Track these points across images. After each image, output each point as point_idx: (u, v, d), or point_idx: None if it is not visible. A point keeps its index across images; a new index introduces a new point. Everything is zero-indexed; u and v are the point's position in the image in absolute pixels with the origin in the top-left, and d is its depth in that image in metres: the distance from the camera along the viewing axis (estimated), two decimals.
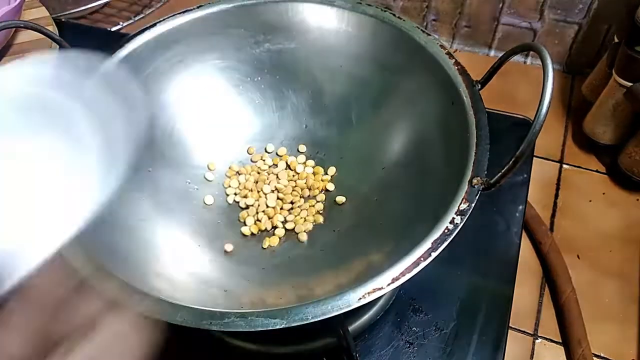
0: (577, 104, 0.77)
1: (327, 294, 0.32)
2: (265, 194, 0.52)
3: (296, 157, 0.54)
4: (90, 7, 1.11)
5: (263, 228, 0.50)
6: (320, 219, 0.50)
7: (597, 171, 0.70)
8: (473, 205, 0.35)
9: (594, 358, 0.54)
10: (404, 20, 0.48)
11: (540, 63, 0.34)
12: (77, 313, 0.25)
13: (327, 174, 0.53)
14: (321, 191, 0.53)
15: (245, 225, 0.50)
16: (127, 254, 0.41)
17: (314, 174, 0.54)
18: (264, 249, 0.49)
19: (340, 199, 0.51)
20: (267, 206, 0.51)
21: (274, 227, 0.50)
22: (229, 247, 0.48)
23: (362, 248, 0.45)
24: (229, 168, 0.54)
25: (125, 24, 1.10)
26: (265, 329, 0.31)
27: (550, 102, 0.33)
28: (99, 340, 0.24)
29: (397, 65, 0.49)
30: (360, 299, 0.32)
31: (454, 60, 0.45)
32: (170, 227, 0.47)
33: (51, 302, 0.25)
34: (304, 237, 0.49)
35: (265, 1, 0.51)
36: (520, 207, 0.58)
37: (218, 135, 0.53)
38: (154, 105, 0.50)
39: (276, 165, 0.54)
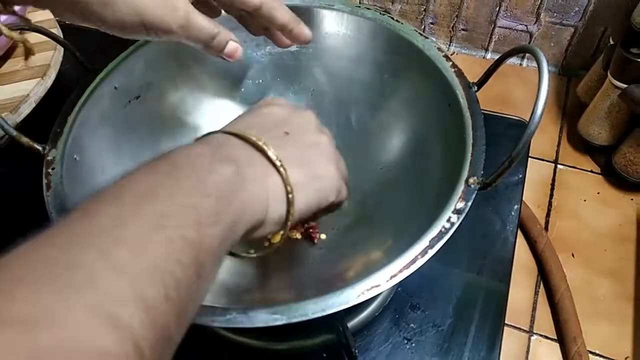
0: (572, 105, 0.78)
1: (327, 291, 0.33)
2: None
3: None
4: None
5: None
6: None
7: (591, 171, 0.70)
8: (469, 204, 0.36)
9: (589, 355, 0.55)
10: (402, 23, 0.49)
11: (536, 65, 0.35)
12: None
13: None
14: None
15: None
16: None
17: None
18: (265, 247, 0.50)
19: None
20: None
21: None
22: None
23: (360, 246, 0.46)
24: None
25: None
26: (266, 325, 0.32)
27: (545, 104, 0.33)
28: None
29: (396, 67, 0.50)
30: (359, 295, 0.32)
31: (451, 63, 0.45)
32: None
33: None
34: (303, 235, 0.50)
35: None
36: (516, 207, 0.59)
37: None
38: (153, 107, 0.50)
39: None
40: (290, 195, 0.30)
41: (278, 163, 0.30)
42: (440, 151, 0.45)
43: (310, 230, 0.49)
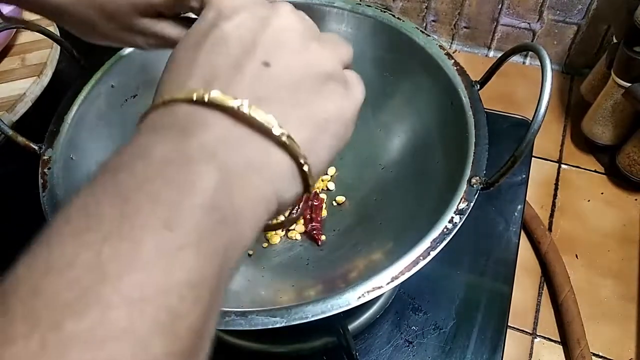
0: (575, 104, 0.77)
1: (327, 293, 0.33)
2: None
3: None
4: None
5: None
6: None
7: (595, 171, 0.70)
8: (472, 204, 0.36)
9: (593, 357, 0.54)
10: (403, 21, 0.49)
11: (540, 63, 0.35)
12: None
13: (327, 173, 0.54)
14: (321, 191, 0.53)
15: None
16: None
17: None
18: (264, 248, 0.49)
19: (340, 198, 0.51)
20: None
21: None
22: None
23: (361, 247, 0.45)
24: None
25: None
26: (265, 327, 0.31)
27: (548, 102, 0.33)
28: None
29: (397, 65, 0.50)
30: (359, 297, 0.32)
31: (453, 61, 0.45)
32: None
33: None
34: (303, 236, 0.50)
35: None
36: (519, 207, 0.58)
37: None
38: None
39: None
40: (305, 167, 0.22)
41: (279, 132, 0.21)
42: (442, 150, 0.44)
43: (314, 232, 0.49)
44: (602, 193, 0.67)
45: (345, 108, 0.24)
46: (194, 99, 0.20)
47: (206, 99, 0.20)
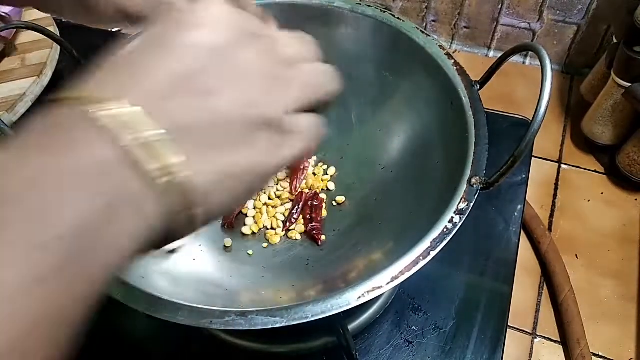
0: (575, 104, 0.77)
1: (327, 293, 0.33)
2: (266, 194, 0.52)
3: None
4: None
5: (263, 227, 0.50)
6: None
7: (595, 171, 0.70)
8: (472, 204, 0.35)
9: (593, 357, 0.54)
10: (403, 21, 0.49)
11: (540, 63, 0.35)
12: None
13: (327, 174, 0.54)
14: (321, 191, 0.53)
15: (245, 224, 0.50)
16: None
17: (314, 174, 0.54)
18: (264, 248, 0.49)
19: (340, 198, 0.51)
20: (268, 206, 0.52)
21: (275, 227, 0.51)
22: (228, 242, 0.49)
23: (361, 247, 0.45)
24: None
25: None
26: (265, 327, 0.31)
27: (548, 102, 0.33)
28: None
29: (397, 65, 0.50)
30: (359, 297, 0.32)
31: (453, 61, 0.45)
32: None
33: None
34: (303, 236, 0.50)
35: (264, 3, 0.51)
36: (519, 207, 0.58)
37: None
38: None
39: None
40: (196, 215, 0.20)
41: (181, 178, 0.19)
42: (442, 150, 0.44)
43: (314, 232, 0.49)
44: (602, 193, 0.67)
45: (267, 163, 0.22)
46: (101, 103, 0.18)
47: (110, 109, 0.18)
